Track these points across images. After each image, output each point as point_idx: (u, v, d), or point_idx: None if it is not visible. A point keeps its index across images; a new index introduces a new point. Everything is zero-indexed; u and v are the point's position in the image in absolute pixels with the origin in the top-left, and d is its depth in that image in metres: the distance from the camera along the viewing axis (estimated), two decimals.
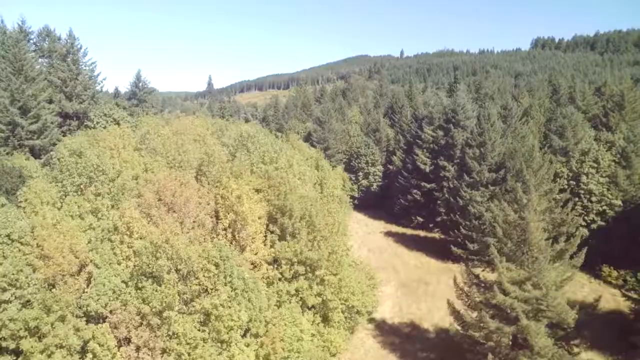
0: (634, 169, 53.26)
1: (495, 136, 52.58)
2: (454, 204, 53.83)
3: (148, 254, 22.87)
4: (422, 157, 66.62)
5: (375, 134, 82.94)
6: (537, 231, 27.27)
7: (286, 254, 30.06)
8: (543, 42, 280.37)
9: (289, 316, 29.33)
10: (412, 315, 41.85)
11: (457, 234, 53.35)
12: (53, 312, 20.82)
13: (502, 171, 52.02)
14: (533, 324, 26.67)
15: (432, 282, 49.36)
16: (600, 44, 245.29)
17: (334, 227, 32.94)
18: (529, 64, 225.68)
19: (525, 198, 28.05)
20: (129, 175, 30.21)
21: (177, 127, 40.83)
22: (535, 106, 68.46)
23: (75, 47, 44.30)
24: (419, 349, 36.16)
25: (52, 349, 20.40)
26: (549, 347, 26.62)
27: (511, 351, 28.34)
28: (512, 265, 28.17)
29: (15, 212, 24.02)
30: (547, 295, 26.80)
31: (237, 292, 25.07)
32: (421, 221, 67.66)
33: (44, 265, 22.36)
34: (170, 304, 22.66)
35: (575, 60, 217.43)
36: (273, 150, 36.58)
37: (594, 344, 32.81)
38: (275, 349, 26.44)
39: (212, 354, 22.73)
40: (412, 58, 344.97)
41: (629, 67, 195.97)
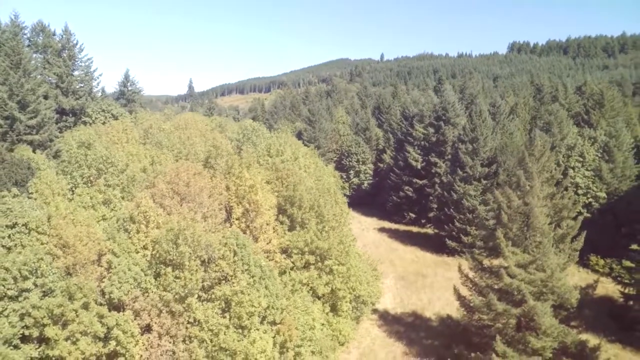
0: (616, 162, 55.71)
1: (487, 132, 54.18)
2: (448, 198, 55.10)
3: (168, 241, 22.90)
4: (413, 154, 67.90)
5: (365, 133, 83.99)
6: (541, 216, 28.45)
7: (297, 243, 30.42)
8: (519, 47, 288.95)
9: (302, 305, 29.68)
10: (414, 306, 42.68)
11: (452, 228, 54.73)
12: (77, 300, 20.66)
13: (494, 165, 53.65)
14: (539, 304, 27.74)
15: (429, 275, 50.37)
16: (572, 48, 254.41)
17: (341, 218, 33.44)
18: (506, 67, 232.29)
19: (528, 184, 29.24)
20: (137, 167, 30.07)
21: (179, 122, 40.72)
22: (520, 104, 70.72)
23: (71, 43, 43.59)
24: (423, 336, 36.95)
25: (77, 336, 20.23)
26: (555, 326, 27.75)
27: (517, 332, 29.37)
28: (517, 249, 29.25)
29: (29, 202, 23.70)
30: (552, 277, 27.97)
31: (255, 280, 25.31)
32: (413, 217, 68.92)
33: (62, 254, 22.14)
34: (192, 291, 22.73)
35: (550, 63, 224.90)
36: (279, 143, 36.97)
37: (589, 327, 34.33)
38: (292, 336, 26.74)
39: (234, 340, 22.87)
40: (393, 61, 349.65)
41: (599, 70, 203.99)
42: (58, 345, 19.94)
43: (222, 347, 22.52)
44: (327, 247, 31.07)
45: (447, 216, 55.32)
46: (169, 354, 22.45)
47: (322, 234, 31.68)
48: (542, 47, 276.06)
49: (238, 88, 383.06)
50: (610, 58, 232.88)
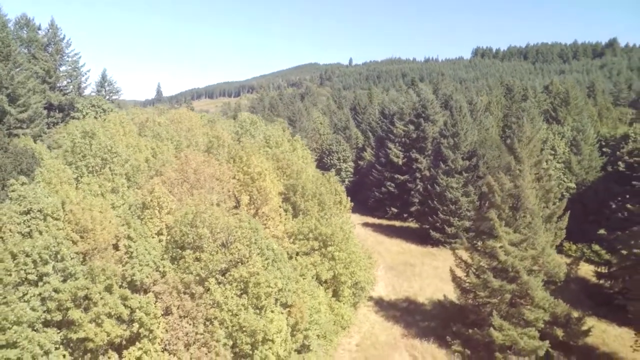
0: (583, 155, 59.71)
1: (467, 127, 56.82)
2: (432, 191, 57.28)
3: (186, 224, 23.25)
4: (394, 151, 69.99)
5: (345, 132, 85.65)
6: (531, 197, 30.59)
7: (302, 229, 31.25)
8: (482, 52, 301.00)
9: (309, 289, 30.50)
10: (406, 293, 44.23)
11: (436, 219, 56.94)
12: (100, 282, 20.73)
13: (474, 159, 56.30)
14: (532, 279, 29.81)
15: (417, 264, 52.19)
16: (531, 54, 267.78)
17: (341, 205, 34.52)
18: (471, 71, 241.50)
19: (518, 168, 31.35)
20: (140, 157, 30.11)
21: (174, 116, 40.65)
22: (493, 103, 74.27)
23: (58, 37, 42.66)
24: (419, 319, 38.46)
25: (102, 317, 20.31)
26: (546, 299, 29.86)
27: (511, 307, 31.31)
28: (509, 229, 31.24)
29: (42, 189, 23.49)
30: (543, 253, 30.13)
31: (268, 262, 25.99)
32: (396, 212, 70.96)
33: (80, 239, 22.11)
34: (212, 272, 23.16)
35: (511, 68, 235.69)
36: (277, 134, 37.68)
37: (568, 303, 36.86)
38: (303, 318, 27.52)
39: (253, 319, 23.43)
40: (362, 66, 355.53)
41: (556, 75, 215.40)
42: (83, 327, 19.95)
43: (243, 326, 23.03)
44: (331, 233, 32.05)
45: (431, 208, 57.49)
46: (190, 336, 22.76)
47: (324, 221, 32.65)
48: (503, 52, 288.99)
49: (207, 93, 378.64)
50: (565, 63, 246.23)
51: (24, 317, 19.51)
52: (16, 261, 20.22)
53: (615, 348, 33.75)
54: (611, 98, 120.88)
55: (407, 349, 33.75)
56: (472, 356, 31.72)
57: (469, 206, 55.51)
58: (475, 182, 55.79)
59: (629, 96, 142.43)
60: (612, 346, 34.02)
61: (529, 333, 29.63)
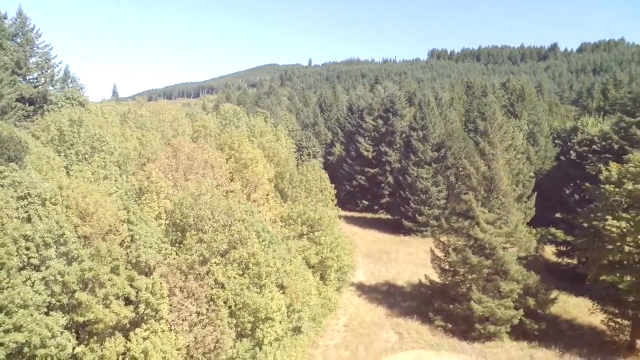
0: (540, 146, 64.26)
1: (435, 120, 59.69)
2: (403, 182, 59.67)
3: (187, 206, 23.62)
4: (365, 145, 72.08)
5: (314, 128, 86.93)
6: (505, 179, 33.15)
7: (292, 214, 32.19)
8: (438, 54, 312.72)
9: (300, 272, 31.47)
10: (385, 278, 46.09)
11: (408, 209, 59.40)
12: (107, 264, 20.78)
13: (443, 150, 59.24)
14: (508, 254, 32.34)
15: (392, 252, 54.29)
16: (484, 56, 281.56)
17: (326, 192, 35.74)
18: (428, 72, 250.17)
19: (492, 152, 33.86)
20: (128, 146, 29.96)
21: (155, 108, 40.22)
22: (456, 99, 78.10)
23: (28, 27, 40.96)
24: (400, 300, 40.35)
25: (110, 299, 20.39)
26: (520, 271, 32.49)
27: (488, 282, 33.71)
28: (485, 209, 33.65)
29: (36, 174, 23.07)
30: (516, 230, 32.76)
31: (265, 244, 26.77)
32: (367, 205, 73.07)
33: (82, 223, 22.00)
34: (214, 253, 23.67)
35: (466, 69, 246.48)
36: (261, 125, 38.30)
37: None
38: (298, 298, 28.50)
39: (256, 297, 24.16)
40: (321, 67, 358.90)
41: (507, 76, 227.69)
42: (92, 309, 19.96)
43: (247, 304, 23.71)
44: (319, 218, 33.18)
45: (403, 199, 59.90)
46: (194, 316, 23.16)
47: (312, 207, 33.75)
48: (458, 54, 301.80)
49: (166, 94, 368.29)
50: (514, 65, 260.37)
51: (30, 301, 19.31)
52: (18, 245, 19.94)
53: (575, 315, 37.14)
54: (557, 97, 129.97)
55: (392, 327, 35.42)
56: (454, 329, 33.85)
57: (439, 195, 58.35)
58: (444, 172, 58.70)
59: (571, 96, 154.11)
60: (573, 314, 37.40)
61: (505, 304, 32.11)
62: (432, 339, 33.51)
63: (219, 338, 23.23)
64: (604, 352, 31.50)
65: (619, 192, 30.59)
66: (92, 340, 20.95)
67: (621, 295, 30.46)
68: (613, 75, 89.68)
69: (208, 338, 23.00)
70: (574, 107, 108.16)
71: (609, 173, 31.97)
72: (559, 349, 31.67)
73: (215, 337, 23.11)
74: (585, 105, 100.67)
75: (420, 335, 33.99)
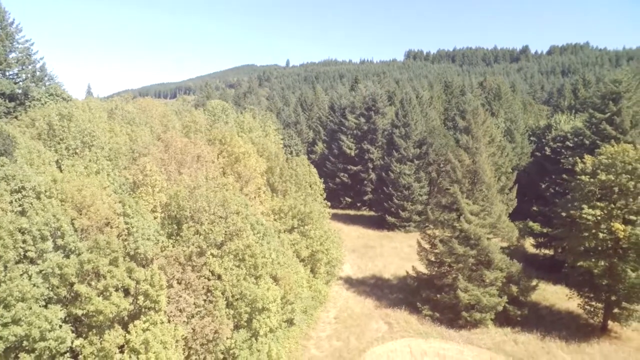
0: (516, 142, 66.56)
1: (416, 117, 61.09)
2: (386, 178, 60.79)
3: (183, 198, 23.76)
4: (347, 143, 72.95)
5: (296, 126, 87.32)
6: (488, 171, 34.48)
7: (283, 207, 32.62)
8: (414, 54, 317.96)
9: (292, 264, 31.93)
10: (372, 271, 46.99)
11: (391, 205, 60.56)
12: (107, 255, 20.78)
13: (424, 147, 60.67)
14: (492, 243, 33.65)
15: (377, 246, 55.28)
16: (458, 57, 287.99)
17: (314, 186, 36.31)
18: (405, 72, 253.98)
19: (475, 146, 35.15)
20: (119, 141, 29.78)
21: (141, 104, 39.81)
22: (435, 98, 79.97)
23: (6, 22, 39.84)
24: (387, 292, 41.28)
25: (110, 290, 20.41)
26: (504, 260, 33.88)
27: (473, 272, 34.96)
28: (469, 201, 34.90)
29: (29, 168, 22.80)
30: (499, 220, 34.11)
31: (260, 236, 27.15)
32: (349, 201, 73.96)
33: (78, 215, 21.90)
34: (211, 244, 23.90)
35: (441, 70, 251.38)
36: (249, 120, 38.50)
37: None
38: (292, 290, 28.97)
39: (253, 287, 24.50)
40: (299, 67, 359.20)
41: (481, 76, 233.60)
42: (92, 300, 19.95)
43: (244, 294, 24.04)
44: (309, 211, 33.72)
45: (386, 195, 61.02)
46: (192, 307, 23.34)
47: (301, 200, 34.26)
48: (433, 55, 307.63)
49: (141, 94, 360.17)
50: (488, 66, 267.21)
51: (28, 294, 19.19)
52: (14, 238, 19.77)
53: (553, 301, 38.91)
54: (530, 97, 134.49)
55: (381, 318, 36.28)
56: (441, 318, 34.95)
57: (421, 191, 59.74)
58: (425, 168, 60.14)
59: (543, 96, 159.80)
60: (551, 300, 39.17)
61: (490, 292, 33.43)
62: (420, 327, 34.52)
63: (218, 328, 23.48)
64: (580, 333, 33.26)
65: (593, 182, 32.32)
66: (90, 333, 20.89)
67: (595, 279, 32.27)
68: (582, 76, 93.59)
69: (207, 328, 23.23)
70: (546, 107, 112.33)
71: (584, 165, 33.69)
72: (539, 333, 33.20)
73: (214, 327, 23.36)
74: (557, 105, 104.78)
75: (409, 325, 34.95)
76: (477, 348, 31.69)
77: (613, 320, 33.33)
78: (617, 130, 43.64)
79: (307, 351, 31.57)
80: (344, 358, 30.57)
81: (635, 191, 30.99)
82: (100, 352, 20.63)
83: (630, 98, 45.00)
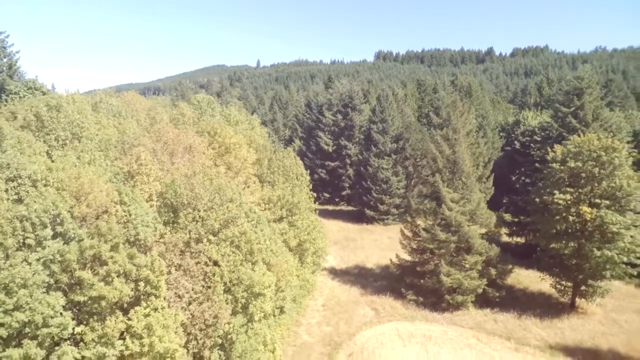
0: (488, 137, 69.45)
1: (393, 113, 62.90)
2: (365, 173, 62.27)
3: (180, 184, 24.11)
4: (325, 139, 74.11)
5: (273, 124, 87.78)
6: (467, 161, 36.32)
7: (272, 197, 33.31)
8: (384, 55, 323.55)
9: (282, 253, 32.66)
10: (354, 261, 48.24)
11: (370, 199, 62.08)
12: (108, 242, 20.93)
13: (401, 142, 62.53)
14: (472, 229, 35.47)
15: (357, 239, 56.62)
16: (427, 58, 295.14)
17: (301, 177, 37.18)
18: (375, 72, 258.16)
19: (454, 137, 36.93)
20: (108, 133, 29.70)
21: (125, 97, 39.38)
22: (409, 95, 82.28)
23: None
24: (372, 280, 42.60)
25: (112, 275, 20.59)
26: (483, 244, 35.76)
27: (454, 257, 36.69)
28: (450, 189, 36.63)
29: (22, 156, 22.58)
30: (478, 207, 35.99)
31: (253, 223, 27.78)
32: (328, 197, 75.08)
33: (77, 202, 21.92)
34: (208, 231, 24.35)
35: (410, 70, 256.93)
36: (235, 114, 38.88)
37: None
38: (284, 276, 29.73)
39: (251, 272, 25.11)
40: (270, 67, 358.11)
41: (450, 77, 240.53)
42: (94, 286, 20.09)
43: (241, 279, 24.62)
44: (297, 202, 34.54)
45: (365, 189, 62.50)
46: (191, 292, 23.72)
47: (289, 191, 35.06)
48: (403, 56, 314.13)
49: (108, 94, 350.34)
50: (455, 67, 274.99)
51: (30, 280, 19.15)
52: (13, 225, 19.67)
53: (527, 284, 41.30)
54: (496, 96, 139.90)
55: (368, 304, 37.50)
56: (425, 302, 36.50)
57: (399, 185, 61.56)
58: (402, 162, 61.99)
59: (508, 95, 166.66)
60: (524, 283, 41.55)
61: (471, 275, 35.23)
62: (405, 312, 35.95)
63: (217, 312, 23.95)
64: (552, 311, 35.66)
65: (563, 169, 34.72)
66: (91, 320, 20.96)
67: (565, 260, 34.73)
68: (546, 75, 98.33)
69: (206, 313, 23.66)
70: (512, 105, 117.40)
71: (554, 154, 36.07)
72: (516, 312, 35.30)
73: (214, 312, 23.82)
74: (522, 103, 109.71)
75: (395, 309, 36.33)
76: (460, 328, 33.38)
77: (580, 298, 35.87)
78: (580, 123, 46.69)
79: (298, 337, 32.39)
80: (335, 342, 31.55)
81: (600, 177, 33.55)
82: (102, 339, 20.78)
83: (591, 94, 48.26)
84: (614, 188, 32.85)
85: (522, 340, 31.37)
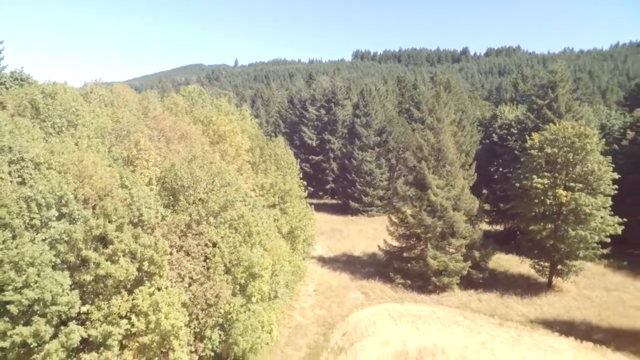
0: (466, 131, 71.62)
1: (376, 107, 64.45)
2: (349, 166, 63.61)
3: (181, 168, 24.71)
4: (308, 134, 75.15)
5: (256, 120, 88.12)
6: (451, 148, 38.00)
7: (265, 184, 34.14)
8: (362, 55, 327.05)
9: (276, 239, 33.52)
10: (342, 250, 49.51)
11: (354, 191, 63.46)
12: (113, 221, 21.42)
13: (384, 135, 64.14)
14: (457, 214, 37.14)
15: (343, 230, 57.92)
16: (404, 57, 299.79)
17: (292, 166, 38.13)
18: (354, 71, 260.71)
19: (439, 126, 38.56)
20: (104, 121, 29.94)
21: (115, 89, 39.30)
22: (390, 91, 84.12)
23: None
24: (360, 267, 43.90)
25: (118, 254, 21.10)
26: (467, 228, 37.48)
27: (440, 241, 38.30)
28: (435, 176, 38.23)
29: (22, 139, 22.78)
30: (462, 192, 37.71)
31: (250, 208, 28.58)
32: (312, 191, 76.07)
33: (80, 184, 22.30)
34: (209, 212, 25.04)
35: (388, 69, 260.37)
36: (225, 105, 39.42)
37: None
38: (279, 259, 30.62)
39: (250, 253, 25.92)
40: (248, 66, 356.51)
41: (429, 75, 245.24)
42: (101, 265, 20.57)
43: (241, 259, 25.40)
44: (288, 189, 35.47)
45: (349, 181, 63.86)
46: (193, 272, 24.38)
47: (281, 178, 35.96)
48: (380, 55, 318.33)
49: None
50: (432, 66, 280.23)
51: (37, 259, 19.51)
52: (19, 206, 19.98)
53: (507, 267, 43.40)
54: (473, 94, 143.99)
55: (358, 289, 38.74)
56: (413, 285, 38.00)
57: (382, 177, 63.14)
58: (386, 155, 63.60)
59: (483, 94, 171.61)
60: (505, 266, 43.63)
61: (456, 257, 36.91)
62: (394, 294, 37.34)
63: (218, 292, 24.68)
64: (531, 290, 37.79)
65: (540, 155, 36.80)
66: (97, 299, 21.40)
67: (542, 242, 36.83)
68: (520, 72, 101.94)
69: (208, 292, 24.36)
70: (487, 102, 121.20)
71: (532, 141, 38.14)
72: (498, 292, 37.20)
73: (215, 291, 24.53)
74: (497, 101, 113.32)
75: (384, 293, 37.68)
76: (447, 307, 34.98)
77: (557, 277, 38.09)
78: (555, 114, 49.20)
79: (293, 319, 33.36)
80: (329, 323, 32.65)
81: (574, 162, 35.77)
82: (108, 317, 21.26)
83: (564, 87, 50.91)
84: (586, 172, 35.09)
85: (505, 316, 33.20)
